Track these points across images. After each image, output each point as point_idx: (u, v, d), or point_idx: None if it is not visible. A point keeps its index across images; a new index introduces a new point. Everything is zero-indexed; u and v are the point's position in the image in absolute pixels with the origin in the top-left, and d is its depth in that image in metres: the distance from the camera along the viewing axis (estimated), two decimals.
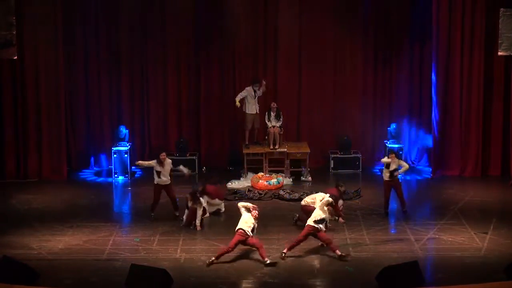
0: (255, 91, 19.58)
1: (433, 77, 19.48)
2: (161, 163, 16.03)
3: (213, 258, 13.68)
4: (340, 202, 16.10)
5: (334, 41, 20.34)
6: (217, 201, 16.55)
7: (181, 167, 16.57)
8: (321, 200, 15.32)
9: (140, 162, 16.77)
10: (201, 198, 15.64)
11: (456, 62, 19.29)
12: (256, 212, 14.15)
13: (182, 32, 20.17)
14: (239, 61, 20.48)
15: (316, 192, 15.89)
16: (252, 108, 19.66)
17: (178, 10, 20.00)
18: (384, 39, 20.27)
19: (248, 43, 20.39)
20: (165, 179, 16.07)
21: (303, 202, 15.79)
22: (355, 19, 20.22)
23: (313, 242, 14.33)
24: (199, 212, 15.54)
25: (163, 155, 16.13)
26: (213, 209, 16.49)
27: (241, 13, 19.93)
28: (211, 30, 20.19)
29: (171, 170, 16.20)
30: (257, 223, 14.13)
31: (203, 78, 20.41)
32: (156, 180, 16.13)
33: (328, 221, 14.37)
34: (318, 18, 20.19)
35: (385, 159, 16.55)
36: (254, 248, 13.90)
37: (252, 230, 13.93)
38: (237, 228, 13.95)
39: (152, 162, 16.23)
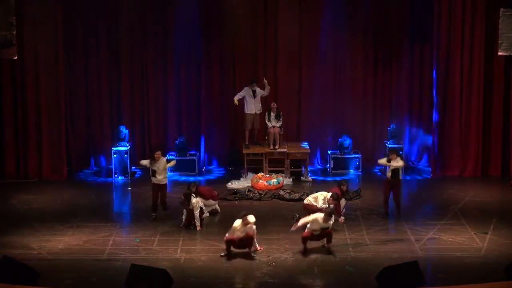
0: (254, 91, 19.57)
1: (433, 77, 19.48)
2: (155, 162, 16.10)
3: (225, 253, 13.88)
4: (343, 201, 16.11)
5: (334, 41, 20.28)
6: (211, 201, 16.53)
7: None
8: (323, 199, 15.37)
9: (141, 161, 16.80)
10: (194, 199, 15.59)
11: (456, 62, 19.30)
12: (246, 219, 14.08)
13: (182, 32, 20.09)
14: (239, 61, 20.45)
15: (317, 191, 15.98)
16: (251, 108, 19.66)
17: (178, 10, 19.94)
18: (384, 39, 20.20)
19: (248, 43, 20.36)
20: (160, 177, 16.11)
21: (305, 201, 15.78)
22: (355, 19, 20.15)
23: (313, 242, 14.34)
24: (196, 212, 15.54)
25: (157, 154, 16.19)
26: (209, 209, 16.47)
27: (241, 13, 19.90)
28: (211, 30, 20.16)
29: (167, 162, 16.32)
30: (251, 229, 14.03)
31: (203, 78, 20.34)
32: (153, 179, 16.20)
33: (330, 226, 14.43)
34: (318, 18, 20.13)
35: (383, 161, 16.57)
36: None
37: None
38: None
39: (148, 162, 16.31)
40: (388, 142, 19.68)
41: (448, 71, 19.34)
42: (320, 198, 15.51)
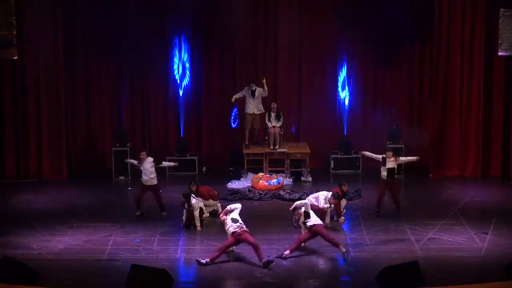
0: (253, 92, 19.53)
1: (433, 77, 19.42)
2: (140, 162, 16.24)
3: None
4: (344, 202, 16.10)
5: (334, 41, 20.24)
6: (211, 201, 16.50)
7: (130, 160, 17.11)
8: (324, 198, 15.31)
9: (128, 160, 17.10)
10: (194, 200, 15.58)
11: (456, 62, 19.26)
12: (223, 217, 14.16)
13: (182, 32, 20.09)
14: (239, 61, 20.42)
15: (318, 191, 15.98)
16: (250, 108, 19.64)
17: (178, 10, 19.93)
18: (384, 39, 20.17)
19: (248, 43, 20.33)
20: (146, 178, 16.20)
21: (306, 201, 15.70)
22: (355, 19, 20.11)
23: (312, 241, 14.33)
24: (195, 213, 15.53)
25: (142, 154, 16.32)
26: (210, 209, 16.46)
27: (241, 13, 19.81)
28: (211, 30, 20.13)
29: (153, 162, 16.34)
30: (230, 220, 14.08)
31: (204, 78, 20.36)
32: (141, 179, 16.31)
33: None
34: (318, 18, 20.11)
35: (370, 153, 16.49)
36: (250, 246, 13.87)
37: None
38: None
39: (134, 161, 16.50)
40: (389, 143, 19.59)
41: (448, 71, 19.31)
42: (321, 197, 15.49)
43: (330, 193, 15.47)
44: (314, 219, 14.13)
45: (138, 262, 13.03)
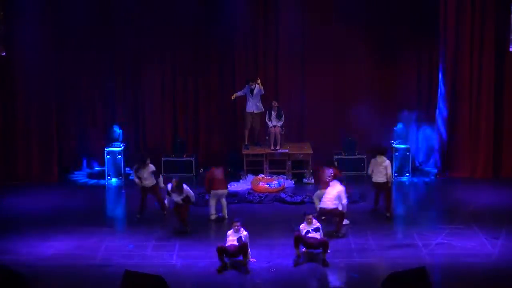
0: (252, 90, 19.33)
1: (441, 75, 19.26)
2: (139, 170, 16.30)
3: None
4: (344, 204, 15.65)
5: (338, 39, 20.03)
6: (219, 192, 16.15)
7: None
8: (337, 190, 15.09)
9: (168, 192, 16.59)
10: (185, 186, 15.27)
11: (465, 59, 19.11)
12: (237, 225, 13.75)
13: (180, 31, 19.99)
14: (239, 61, 20.34)
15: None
16: (249, 106, 19.51)
17: (176, 9, 19.76)
18: (390, 36, 19.98)
19: (248, 42, 20.26)
20: (146, 182, 16.20)
21: (322, 205, 15.17)
22: (359, 16, 19.89)
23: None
24: (191, 195, 15.31)
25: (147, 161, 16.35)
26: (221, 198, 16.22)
27: (241, 12, 19.76)
28: (210, 29, 20.01)
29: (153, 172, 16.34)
30: (241, 233, 13.65)
31: (202, 77, 20.29)
32: (140, 184, 16.34)
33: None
34: (320, 17, 19.99)
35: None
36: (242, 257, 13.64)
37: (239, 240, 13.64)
38: None
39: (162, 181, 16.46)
40: (394, 143, 19.47)
41: (457, 68, 19.16)
42: (332, 193, 15.03)
43: (338, 187, 15.06)
44: (315, 235, 13.86)
45: (132, 268, 12.61)
